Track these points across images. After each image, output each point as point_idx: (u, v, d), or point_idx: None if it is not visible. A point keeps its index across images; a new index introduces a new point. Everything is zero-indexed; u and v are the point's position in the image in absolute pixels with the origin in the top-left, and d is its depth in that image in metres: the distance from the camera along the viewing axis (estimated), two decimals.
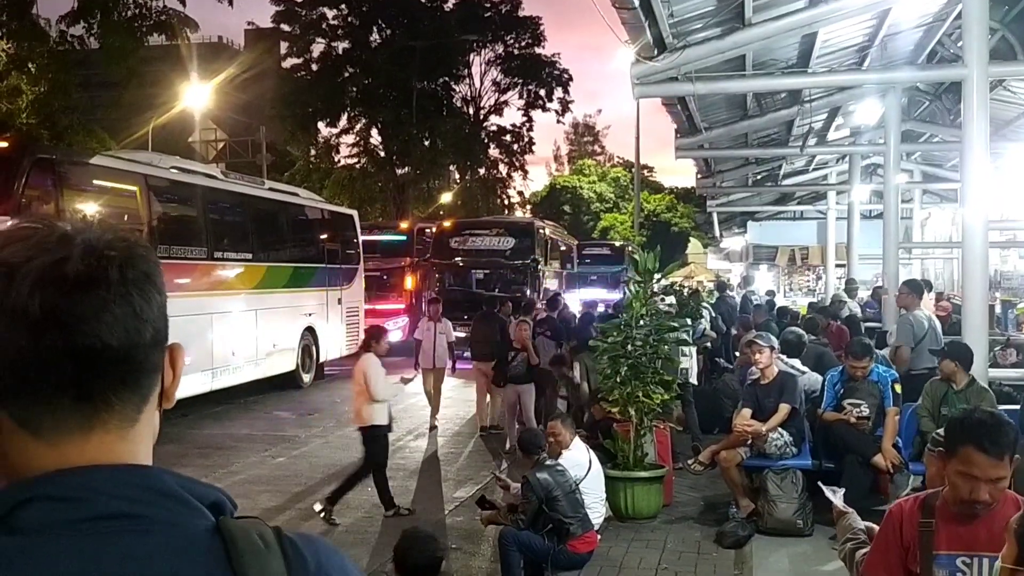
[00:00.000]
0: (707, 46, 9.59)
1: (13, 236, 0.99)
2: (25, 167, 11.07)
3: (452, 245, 23.35)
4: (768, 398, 7.79)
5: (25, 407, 0.97)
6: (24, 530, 0.92)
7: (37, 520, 0.93)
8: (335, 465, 10.76)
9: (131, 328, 0.98)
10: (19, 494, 0.94)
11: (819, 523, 7.38)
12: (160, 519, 0.96)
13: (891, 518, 3.08)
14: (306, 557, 1.01)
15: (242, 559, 0.96)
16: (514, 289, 21.17)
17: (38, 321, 0.94)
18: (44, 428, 0.97)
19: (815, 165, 23.25)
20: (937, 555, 2.93)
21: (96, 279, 0.96)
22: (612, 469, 7.99)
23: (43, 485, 0.95)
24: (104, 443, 0.99)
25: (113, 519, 0.94)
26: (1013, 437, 2.89)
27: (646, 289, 8.68)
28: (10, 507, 0.94)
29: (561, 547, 6.37)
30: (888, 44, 12.39)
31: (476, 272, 23.55)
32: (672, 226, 57.46)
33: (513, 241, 23.32)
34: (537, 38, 40.30)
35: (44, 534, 0.92)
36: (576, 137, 76.01)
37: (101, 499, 0.95)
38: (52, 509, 0.93)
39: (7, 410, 0.97)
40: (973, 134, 8.66)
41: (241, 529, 0.99)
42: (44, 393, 0.96)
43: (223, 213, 15.87)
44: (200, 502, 0.99)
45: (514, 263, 22.91)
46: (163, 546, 0.94)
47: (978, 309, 8.74)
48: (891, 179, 13.83)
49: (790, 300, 26.80)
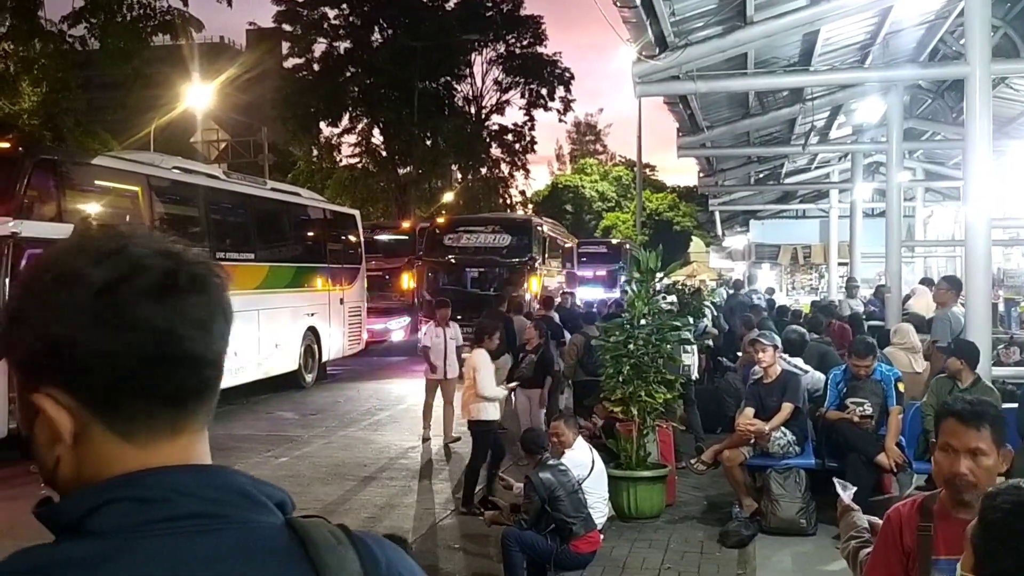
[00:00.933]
0: (709, 44, 9.58)
1: (90, 249, 1.00)
2: (27, 168, 11.08)
3: (446, 243, 22.44)
4: (771, 397, 7.77)
5: (126, 415, 0.99)
6: (104, 532, 0.94)
7: (115, 522, 0.94)
8: (337, 465, 10.77)
9: (225, 335, 1.04)
10: (97, 497, 0.96)
11: (822, 522, 7.36)
12: (236, 518, 0.98)
13: (889, 523, 3.03)
14: (376, 554, 1.05)
15: (320, 554, 1.00)
16: (510, 289, 20.51)
17: (159, 332, 0.97)
18: (138, 433, 1.00)
19: (817, 163, 23.22)
20: (936, 560, 2.88)
21: (203, 290, 1.02)
22: (615, 469, 7.98)
23: (123, 487, 0.97)
24: (187, 445, 1.02)
25: (192, 519, 0.96)
26: (995, 414, 2.90)
27: (648, 288, 8.67)
28: (89, 509, 0.95)
29: (564, 547, 6.36)
30: (890, 42, 12.37)
31: (471, 271, 22.60)
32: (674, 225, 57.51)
33: (510, 239, 22.51)
34: (539, 37, 40.33)
35: (123, 537, 0.94)
36: (578, 136, 76.06)
37: (181, 500, 0.97)
38: (132, 511, 0.95)
39: (101, 418, 0.99)
40: (976, 132, 8.65)
41: (313, 526, 1.03)
42: (147, 401, 0.99)
43: (225, 213, 15.88)
44: (268, 500, 1.03)
45: (511, 261, 22.06)
46: (241, 544, 0.97)
47: (981, 307, 8.73)
48: (893, 177, 13.80)
49: (792, 299, 26.78)
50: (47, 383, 0.99)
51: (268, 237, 16.81)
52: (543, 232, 24.42)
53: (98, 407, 0.98)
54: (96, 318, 0.96)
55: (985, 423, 2.85)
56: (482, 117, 41.42)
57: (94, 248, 1.00)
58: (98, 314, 0.96)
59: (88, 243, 1.01)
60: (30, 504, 1.00)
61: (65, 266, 0.99)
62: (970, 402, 2.95)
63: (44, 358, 0.98)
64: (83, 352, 0.96)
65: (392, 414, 14.69)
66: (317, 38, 37.68)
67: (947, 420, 2.90)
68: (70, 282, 0.97)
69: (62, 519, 0.96)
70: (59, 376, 0.98)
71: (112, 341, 0.96)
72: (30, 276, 1.01)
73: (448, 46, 36.48)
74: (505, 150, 42.07)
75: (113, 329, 0.96)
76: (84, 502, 0.96)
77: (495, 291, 21.01)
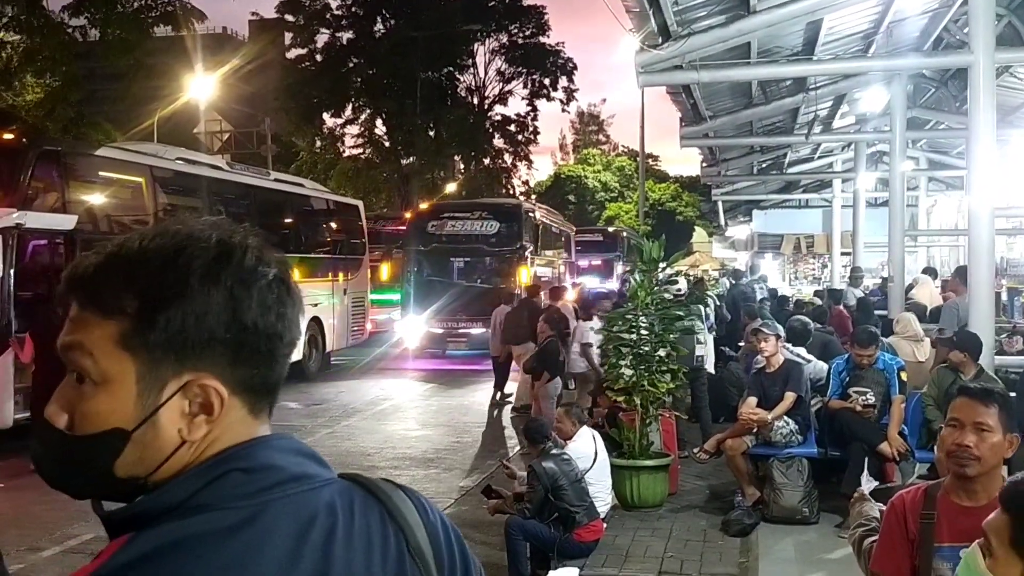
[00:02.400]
0: (712, 34, 9.54)
1: (204, 239, 1.07)
2: (31, 159, 11.11)
3: (429, 230, 20.94)
4: (774, 387, 7.79)
5: (259, 392, 1.09)
6: (224, 505, 1.01)
7: (233, 493, 1.02)
8: (342, 455, 10.80)
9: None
10: (206, 475, 1.03)
11: (825, 511, 7.40)
12: (322, 477, 1.09)
13: (893, 511, 3.02)
14: (424, 502, 1.20)
15: (392, 501, 1.15)
16: (497, 281, 19.92)
17: (282, 315, 1.09)
18: (257, 405, 1.09)
19: (820, 153, 23.17)
20: (939, 547, 2.86)
21: (286, 281, 1.12)
22: (618, 458, 8.00)
23: (228, 462, 1.04)
24: (265, 420, 1.12)
25: (296, 481, 1.06)
26: (1005, 397, 2.95)
27: (651, 278, 8.68)
28: (194, 490, 1.02)
29: (567, 536, 6.40)
30: (894, 31, 12.33)
31: (456, 260, 21.31)
32: (677, 215, 57.48)
33: (498, 225, 20.99)
34: (541, 27, 40.20)
35: (251, 504, 1.02)
36: (581, 126, 75.94)
37: (279, 467, 1.06)
38: (243, 481, 1.03)
39: (234, 389, 1.06)
40: (979, 121, 8.63)
41: (369, 479, 1.17)
42: (267, 375, 1.09)
43: (229, 204, 15.90)
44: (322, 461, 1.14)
45: (499, 250, 20.74)
46: (336, 497, 1.09)
47: (984, 296, 8.72)
48: (897, 167, 13.78)
49: (796, 288, 26.75)
50: (192, 366, 1.03)
51: (271, 228, 16.83)
52: (535, 218, 23.14)
53: (240, 385, 1.06)
54: (263, 305, 1.06)
55: (994, 402, 2.86)
56: (485, 107, 41.34)
57: (228, 237, 1.10)
58: (264, 301, 1.07)
59: (192, 231, 1.08)
60: (37, 495, 1.01)
61: (215, 250, 1.06)
62: (982, 384, 3.02)
63: (202, 339, 1.03)
64: (243, 331, 1.05)
65: (396, 403, 14.74)
66: (319, 28, 37.62)
67: (957, 399, 2.93)
68: (225, 267, 1.05)
69: (164, 501, 1.01)
70: (215, 356, 1.04)
71: (260, 320, 1.06)
72: (164, 259, 1.04)
73: (450, 36, 36.38)
74: (508, 140, 42.02)
75: (261, 311, 1.06)
76: (191, 483, 1.02)
77: (482, 282, 20.53)
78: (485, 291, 19.50)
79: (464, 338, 19.55)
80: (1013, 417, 2.89)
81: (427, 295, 19.80)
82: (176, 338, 1.02)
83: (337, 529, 1.06)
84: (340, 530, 1.06)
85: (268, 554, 1.00)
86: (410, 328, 20.01)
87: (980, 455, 2.79)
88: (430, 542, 1.15)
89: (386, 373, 18.48)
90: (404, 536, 1.13)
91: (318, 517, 1.05)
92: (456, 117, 38.73)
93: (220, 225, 1.11)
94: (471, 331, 19.25)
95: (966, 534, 2.82)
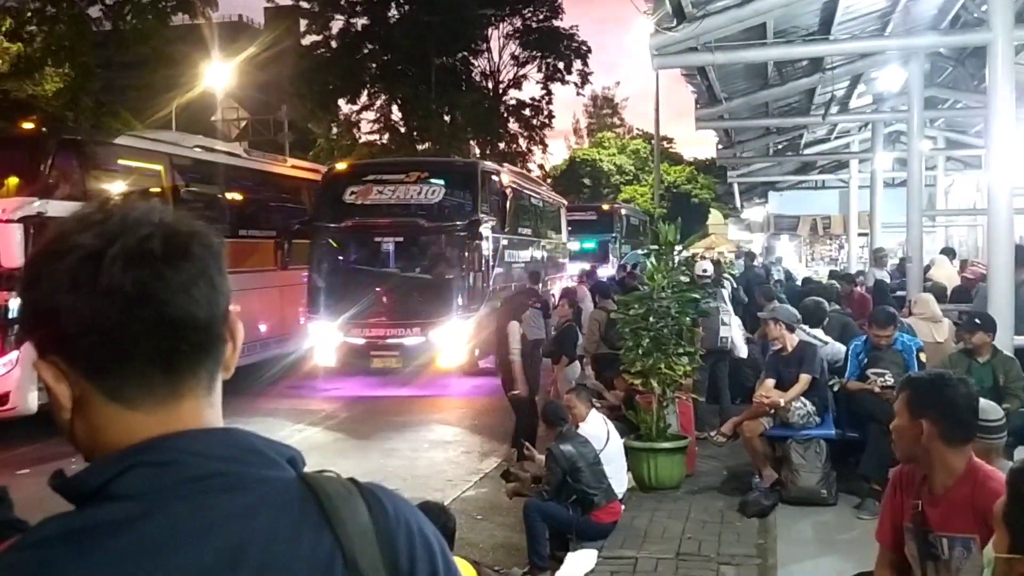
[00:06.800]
0: (727, 15, 9.48)
1: (87, 220, 1.04)
2: (52, 148, 11.24)
3: (347, 199, 15.01)
4: (789, 368, 7.80)
5: (118, 381, 1.02)
6: (132, 496, 0.98)
7: (141, 485, 0.99)
8: (360, 438, 10.90)
9: (212, 300, 1.05)
10: (119, 463, 1.00)
11: (843, 492, 7.41)
12: (253, 476, 1.03)
13: (891, 483, 3.20)
14: (384, 503, 1.10)
15: (334, 506, 1.05)
16: (444, 269, 14.79)
17: (132, 297, 1.00)
18: (137, 399, 1.03)
19: (837, 133, 23.01)
20: (907, 525, 3.04)
21: (182, 254, 1.03)
22: (635, 440, 8.05)
23: (143, 452, 1.01)
24: (195, 409, 1.06)
25: (213, 478, 1.01)
26: (912, 382, 3.10)
27: (667, 260, 8.70)
28: (111, 476, 0.99)
29: (585, 517, 6.45)
30: (911, 9, 12.20)
31: (384, 241, 15.04)
32: (692, 197, 57.19)
33: (444, 191, 15.04)
34: (555, 10, 40.07)
35: (153, 498, 0.98)
36: (595, 110, 75.56)
37: (198, 461, 1.01)
38: (156, 474, 0.99)
39: (96, 384, 1.03)
40: (998, 99, 8.56)
41: (326, 479, 1.09)
42: (136, 366, 1.02)
43: (247, 191, 15.98)
44: (279, 457, 1.08)
45: (445, 226, 14.74)
46: (261, 499, 1.02)
47: (1003, 276, 8.66)
48: (914, 146, 13.67)
49: (812, 270, 26.65)
50: (49, 351, 1.03)
51: (290, 214, 16.91)
52: (499, 183, 16.79)
53: (90, 373, 1.02)
54: (75, 284, 0.99)
55: (904, 388, 3.06)
56: (499, 92, 41.28)
57: (86, 219, 1.04)
58: (76, 280, 0.99)
59: (82, 215, 1.05)
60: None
61: (59, 237, 1.03)
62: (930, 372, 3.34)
63: (40, 326, 1.03)
64: (68, 319, 1.00)
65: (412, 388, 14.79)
66: (334, 15, 37.62)
67: None
68: (61, 251, 1.01)
69: (83, 487, 1.00)
70: (55, 343, 1.02)
71: (88, 306, 0.99)
72: (34, 249, 1.06)
73: (464, 21, 36.31)
74: (523, 125, 41.94)
75: (88, 295, 0.99)
76: (106, 470, 1.00)
77: (423, 271, 14.95)
78: (426, 284, 14.74)
79: (395, 351, 14.24)
80: (922, 402, 2.94)
81: (343, 291, 14.60)
82: (29, 326, 1.05)
83: (251, 533, 1.00)
84: (256, 534, 1.00)
85: (163, 554, 0.96)
86: (319, 337, 14.60)
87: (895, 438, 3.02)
88: (383, 549, 1.06)
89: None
90: (340, 545, 1.03)
91: (230, 520, 0.99)
92: (471, 102, 38.68)
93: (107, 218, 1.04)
94: (405, 341, 14.21)
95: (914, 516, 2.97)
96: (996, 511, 2.15)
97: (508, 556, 6.95)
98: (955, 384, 2.93)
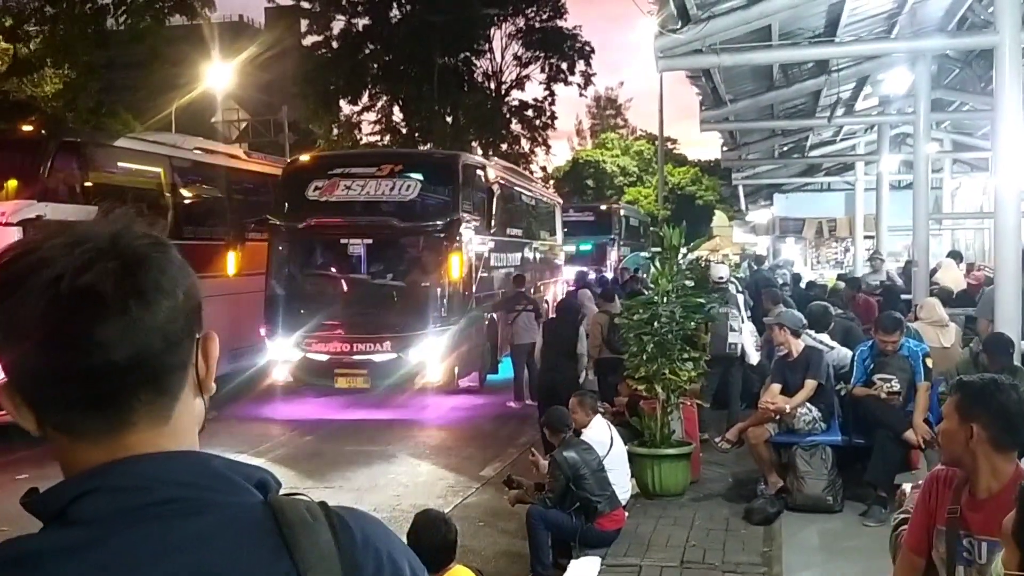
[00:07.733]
0: (732, 16, 9.41)
1: (28, 245, 1.01)
2: (51, 150, 11.17)
3: (309, 196, 13.23)
4: (795, 374, 7.72)
5: (57, 415, 1.00)
6: (86, 521, 0.96)
7: (96, 511, 0.97)
8: (362, 445, 10.81)
9: (135, 340, 0.99)
10: (75, 488, 0.98)
11: (849, 499, 7.33)
12: (211, 500, 1.00)
13: (925, 485, 3.12)
14: (353, 529, 1.05)
15: (293, 532, 1.01)
16: (418, 275, 13.19)
17: (43, 342, 0.96)
18: (80, 432, 1.01)
19: (843, 136, 22.95)
20: (939, 528, 2.98)
21: (90, 295, 0.97)
22: (639, 447, 7.97)
23: (98, 477, 0.99)
24: (142, 439, 1.02)
25: (168, 503, 0.98)
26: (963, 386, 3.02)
27: (672, 264, 8.61)
28: (68, 500, 0.98)
29: (589, 525, 6.38)
30: (917, 11, 12.14)
31: (351, 243, 13.38)
32: (697, 199, 57.11)
33: (419, 187, 13.34)
34: (558, 10, 39.97)
35: (106, 524, 0.96)
36: (598, 111, 75.45)
37: (155, 486, 0.99)
38: (110, 499, 0.97)
39: (42, 417, 1.01)
40: (1005, 102, 8.48)
41: (289, 504, 1.04)
42: (69, 404, 0.99)
43: (247, 193, 15.92)
44: (246, 481, 1.04)
45: (420, 226, 13.14)
46: (218, 525, 0.99)
47: (1011, 280, 8.58)
48: (921, 149, 13.59)
49: (817, 273, 26.57)
50: (7, 378, 1.02)
51: None
52: (484, 179, 15.01)
53: (34, 407, 1.00)
54: (10, 324, 0.97)
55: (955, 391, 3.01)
56: (502, 93, 41.21)
57: (10, 253, 1.00)
58: (11, 320, 0.97)
59: (11, 247, 1.01)
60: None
61: (10, 263, 1.00)
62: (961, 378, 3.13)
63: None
64: (4, 355, 0.99)
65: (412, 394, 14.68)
66: (335, 15, 37.58)
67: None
68: (10, 283, 0.98)
69: (46, 508, 0.99)
70: (6, 373, 1.01)
71: (18, 350, 0.97)
72: None
73: (467, 21, 36.24)
74: (525, 126, 41.86)
75: (18, 337, 0.97)
76: (65, 493, 0.98)
77: (394, 277, 13.41)
78: (398, 292, 13.20)
79: (363, 368, 12.66)
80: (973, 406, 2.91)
81: (301, 300, 13.13)
82: None
83: (206, 559, 0.97)
84: (211, 561, 0.97)
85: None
86: (277, 351, 12.95)
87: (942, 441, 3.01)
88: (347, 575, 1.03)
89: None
90: (298, 572, 1.00)
91: (186, 546, 0.96)
92: (473, 103, 38.63)
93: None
94: (374, 357, 12.60)
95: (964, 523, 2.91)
96: (1005, 527, 2.13)
97: (511, 564, 6.88)
98: (1007, 390, 2.90)
